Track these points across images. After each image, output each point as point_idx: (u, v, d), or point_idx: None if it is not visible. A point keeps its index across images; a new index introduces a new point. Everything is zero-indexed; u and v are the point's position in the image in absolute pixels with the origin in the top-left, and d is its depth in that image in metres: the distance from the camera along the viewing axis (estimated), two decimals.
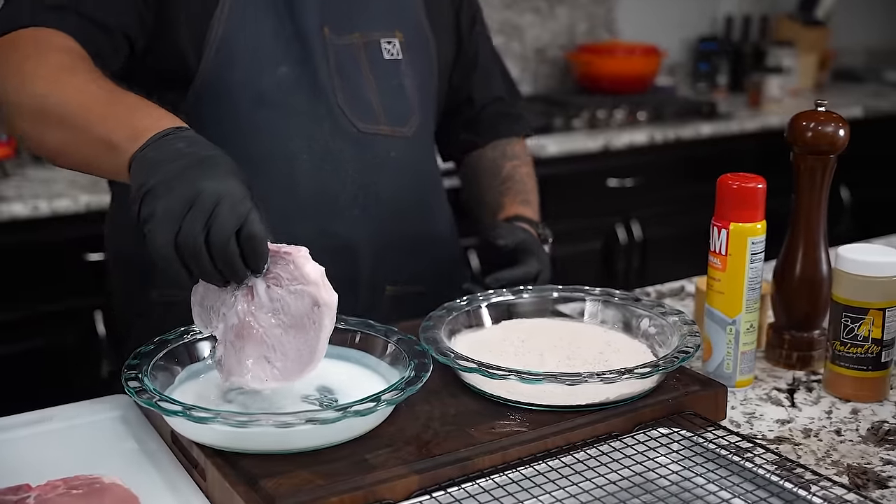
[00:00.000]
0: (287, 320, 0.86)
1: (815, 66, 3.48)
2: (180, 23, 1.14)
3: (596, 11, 3.32)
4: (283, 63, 1.18)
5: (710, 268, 1.07)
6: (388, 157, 1.23)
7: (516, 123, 1.46)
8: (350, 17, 1.22)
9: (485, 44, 1.43)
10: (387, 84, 1.24)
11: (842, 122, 1.10)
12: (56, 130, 0.96)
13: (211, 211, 0.80)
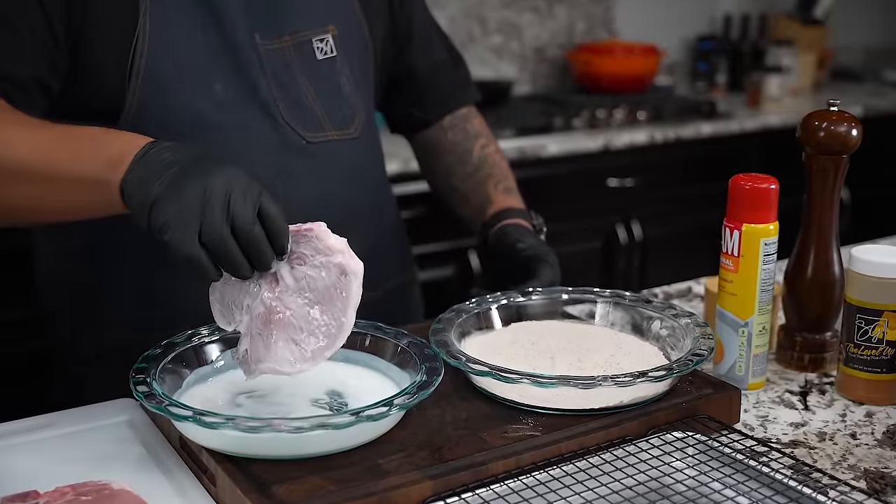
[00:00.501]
0: (314, 297, 0.86)
1: (813, 65, 3.48)
2: (99, 52, 1.06)
3: (594, 11, 3.31)
4: (218, 80, 1.11)
5: (722, 269, 1.06)
6: (337, 163, 1.19)
7: (465, 91, 1.40)
8: (278, 18, 1.16)
9: (418, 11, 1.36)
10: (325, 87, 1.19)
11: (854, 122, 1.09)
12: (21, 187, 0.93)
13: (226, 201, 0.80)
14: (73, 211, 0.95)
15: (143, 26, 1.07)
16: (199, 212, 0.80)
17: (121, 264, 1.14)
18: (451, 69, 1.40)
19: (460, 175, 1.35)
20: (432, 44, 1.38)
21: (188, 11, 1.09)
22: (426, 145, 1.40)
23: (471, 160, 1.35)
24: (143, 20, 1.07)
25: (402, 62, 1.35)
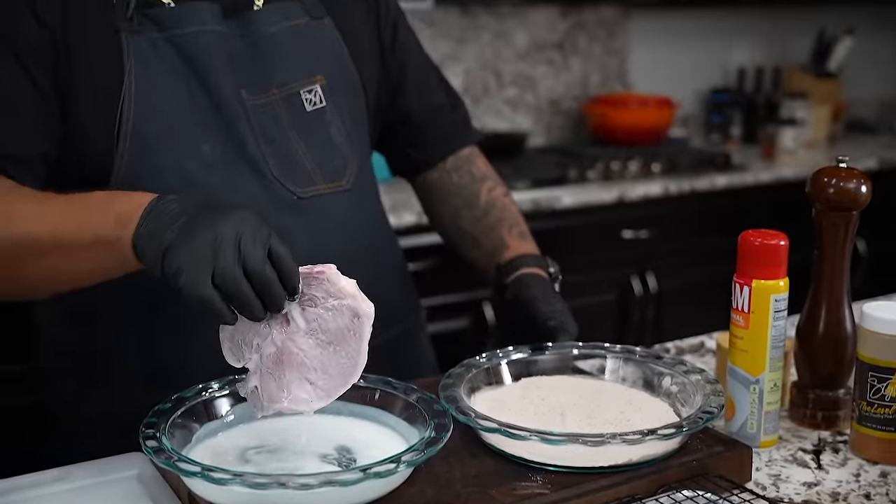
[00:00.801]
0: (326, 338, 0.87)
1: (828, 117, 3.49)
2: (87, 116, 1.06)
3: (609, 63, 3.34)
4: (205, 140, 1.10)
5: (733, 325, 1.06)
6: (331, 217, 1.17)
7: (465, 132, 1.38)
8: (264, 72, 1.15)
9: (412, 52, 1.34)
10: (315, 139, 1.17)
11: (863, 178, 1.09)
12: (34, 260, 0.94)
13: (237, 244, 0.81)
14: (89, 276, 0.95)
15: (129, 88, 1.07)
16: (212, 255, 0.81)
17: (125, 325, 1.14)
18: (450, 111, 1.38)
19: (468, 218, 1.34)
20: (429, 87, 1.36)
21: (173, 71, 1.10)
22: (430, 188, 1.38)
23: (479, 203, 1.33)
24: (129, 82, 1.07)
25: (396, 108, 1.33)
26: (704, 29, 3.53)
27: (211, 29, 1.12)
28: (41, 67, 1.05)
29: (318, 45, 1.21)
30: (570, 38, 3.25)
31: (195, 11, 1.11)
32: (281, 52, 1.17)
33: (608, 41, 3.33)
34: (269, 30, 1.17)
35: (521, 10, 3.13)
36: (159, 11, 1.10)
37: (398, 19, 1.33)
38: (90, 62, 1.07)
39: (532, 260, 1.26)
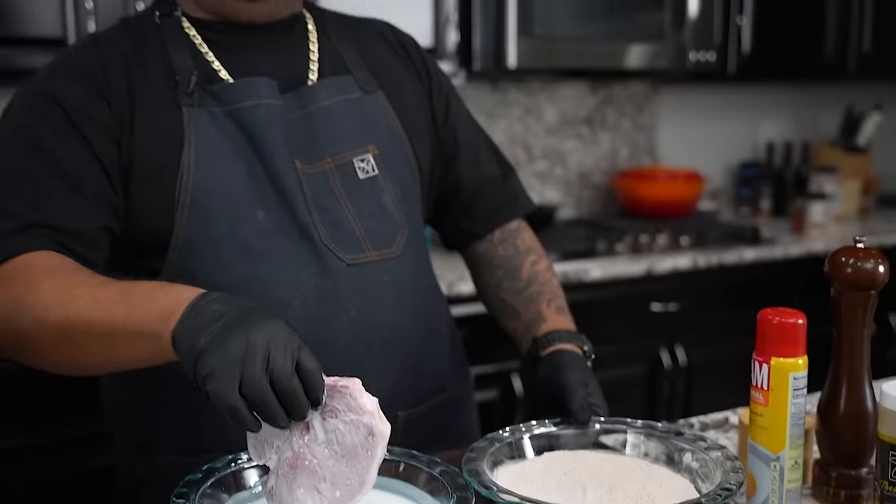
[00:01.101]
0: (340, 450, 0.88)
1: (858, 191, 3.50)
2: (148, 187, 1.12)
3: (637, 138, 3.39)
4: (260, 207, 1.15)
5: (753, 402, 1.07)
6: (380, 283, 1.20)
7: (514, 205, 1.42)
8: (318, 144, 1.20)
9: (463, 123, 1.39)
10: (366, 206, 1.22)
11: (881, 259, 1.11)
12: (86, 346, 0.98)
13: (266, 354, 0.83)
14: (132, 362, 0.99)
15: (188, 158, 1.13)
16: (241, 364, 0.83)
17: (170, 394, 1.17)
18: (501, 182, 1.41)
19: (510, 290, 1.36)
20: (480, 158, 1.40)
21: (230, 142, 1.15)
22: (477, 259, 1.41)
23: (521, 276, 1.36)
24: (188, 153, 1.13)
25: (449, 178, 1.37)
26: (733, 104, 3.58)
27: (267, 102, 1.18)
28: (107, 145, 1.12)
29: (370, 117, 1.26)
30: (600, 112, 3.31)
31: (253, 86, 1.18)
32: (334, 124, 1.23)
33: (637, 116, 3.38)
34: (323, 103, 1.23)
35: (550, 85, 3.20)
36: (219, 87, 1.17)
37: (450, 93, 1.38)
38: (153, 135, 1.13)
39: (568, 336, 1.28)
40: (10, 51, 2.15)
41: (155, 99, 1.15)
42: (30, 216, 1.06)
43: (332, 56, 1.27)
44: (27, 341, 1.00)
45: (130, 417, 1.23)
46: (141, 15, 1.23)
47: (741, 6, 3.08)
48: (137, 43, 1.18)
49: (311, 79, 1.24)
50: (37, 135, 1.10)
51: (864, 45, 3.34)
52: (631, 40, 2.83)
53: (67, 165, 1.09)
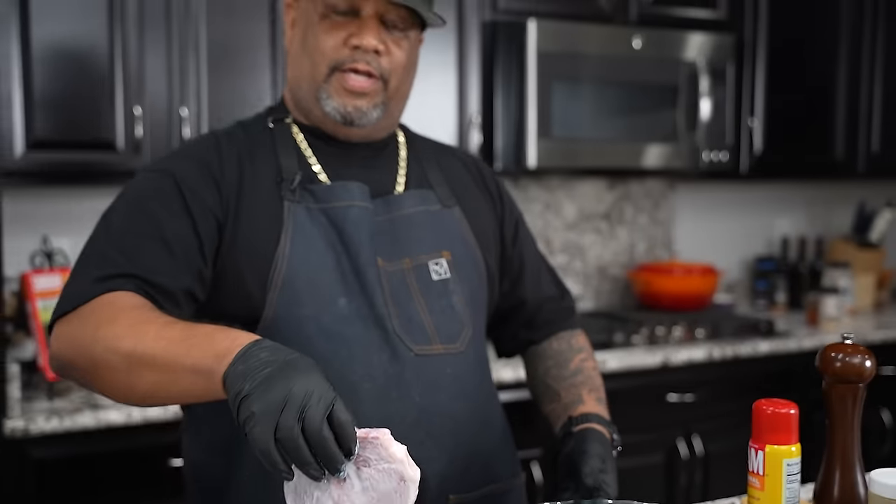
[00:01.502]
0: (376, 496, 0.96)
1: (872, 286, 3.58)
2: (246, 269, 1.26)
3: (655, 232, 3.51)
4: (343, 295, 1.28)
5: (749, 487, 1.15)
6: (444, 374, 1.31)
7: (568, 319, 1.55)
8: (399, 245, 1.34)
9: (529, 248, 1.53)
10: (437, 304, 1.34)
11: (868, 354, 1.20)
12: (147, 375, 1.08)
13: (302, 405, 0.91)
14: (186, 396, 1.08)
15: (284, 249, 1.27)
16: (277, 413, 0.90)
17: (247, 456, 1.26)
18: (559, 300, 1.55)
19: (556, 376, 1.47)
20: (541, 278, 1.54)
21: (323, 236, 1.30)
22: (533, 353, 1.53)
23: (569, 366, 1.47)
24: (285, 243, 1.27)
25: (514, 295, 1.51)
26: (747, 200, 3.70)
27: (359, 204, 1.33)
28: (207, 223, 1.26)
29: (447, 227, 1.41)
30: (617, 208, 3.43)
31: (347, 189, 1.33)
32: (415, 230, 1.37)
33: (654, 212, 3.50)
34: (406, 211, 1.38)
35: (569, 182, 3.33)
36: (318, 187, 1.33)
37: (519, 220, 1.54)
38: (256, 223, 1.28)
39: (601, 420, 1.37)
40: (62, 154, 2.32)
41: (261, 192, 1.30)
42: (125, 266, 1.19)
43: (418, 172, 1.43)
44: (98, 367, 1.11)
45: (205, 482, 1.33)
46: (256, 118, 1.41)
47: (752, 108, 3.22)
48: (251, 142, 1.35)
49: (398, 189, 1.39)
50: (150, 201, 1.26)
51: (872, 145, 3.46)
52: (646, 141, 2.97)
53: (168, 232, 1.23)
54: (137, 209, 1.25)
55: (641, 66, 2.93)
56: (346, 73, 1.30)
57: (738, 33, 3.16)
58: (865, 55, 3.43)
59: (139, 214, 1.25)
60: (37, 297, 2.22)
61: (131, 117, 2.36)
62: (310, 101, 1.34)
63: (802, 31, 3.31)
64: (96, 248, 1.23)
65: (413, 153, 1.45)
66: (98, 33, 2.32)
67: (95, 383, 1.14)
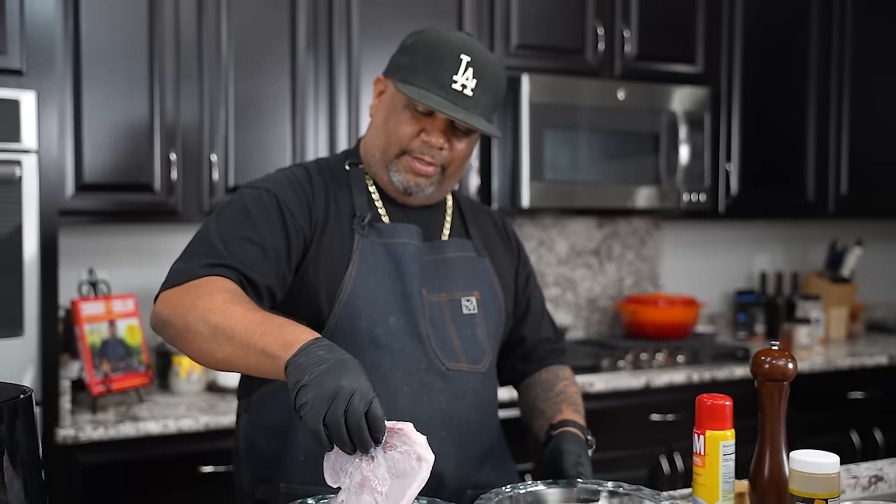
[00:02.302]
0: (395, 473, 1.21)
1: (845, 318, 3.84)
2: (321, 282, 1.52)
3: (641, 267, 3.78)
4: (393, 314, 1.54)
5: (694, 466, 1.41)
6: (467, 388, 1.59)
7: (561, 356, 1.84)
8: (440, 282, 1.61)
9: (536, 295, 1.82)
10: (465, 333, 1.61)
11: (791, 358, 1.46)
12: (226, 346, 1.30)
13: (348, 400, 1.15)
14: (252, 370, 1.29)
15: (351, 271, 1.54)
16: (328, 403, 1.12)
17: (297, 441, 1.53)
18: (553, 343, 1.83)
19: (543, 398, 1.73)
20: (542, 322, 1.82)
21: (382, 266, 1.56)
22: (527, 384, 1.81)
23: (553, 390, 1.73)
24: (352, 267, 1.54)
25: (517, 332, 1.78)
26: (727, 238, 3.98)
27: (414, 243, 1.60)
28: (297, 238, 1.51)
29: (479, 272, 1.69)
30: (606, 245, 3.71)
31: (407, 230, 1.61)
32: (453, 270, 1.65)
33: (640, 248, 3.78)
34: (448, 254, 1.67)
35: (561, 221, 3.62)
36: (382, 226, 1.60)
37: (531, 273, 1.82)
38: (332, 247, 1.55)
39: (576, 425, 1.63)
40: (105, 196, 2.60)
41: (340, 222, 1.57)
42: (228, 258, 1.44)
43: (459, 224, 1.71)
44: (189, 330, 1.33)
45: (261, 456, 1.58)
46: (335, 160, 1.67)
47: (728, 154, 3.51)
48: (333, 179, 1.62)
49: (444, 235, 1.67)
50: (253, 211, 1.51)
51: (841, 188, 3.74)
52: (631, 183, 3.25)
53: (266, 240, 1.48)
54: (244, 216, 1.50)
55: (626, 115, 3.23)
56: (414, 158, 1.57)
57: (714, 86, 3.45)
58: (833, 105, 3.72)
59: (245, 221, 1.49)
60: (84, 321, 2.49)
61: (168, 162, 2.65)
62: (379, 168, 1.61)
63: (774, 82, 3.60)
64: (206, 240, 1.47)
65: (457, 208, 1.73)
66: (140, 88, 2.62)
67: (182, 343, 1.36)
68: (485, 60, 1.54)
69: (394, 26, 2.89)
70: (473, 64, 1.52)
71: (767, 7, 3.57)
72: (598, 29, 3.24)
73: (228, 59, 2.72)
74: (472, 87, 1.52)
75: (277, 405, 1.55)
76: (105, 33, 2.58)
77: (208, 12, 2.70)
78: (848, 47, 3.72)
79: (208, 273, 1.42)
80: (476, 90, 1.53)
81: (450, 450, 1.56)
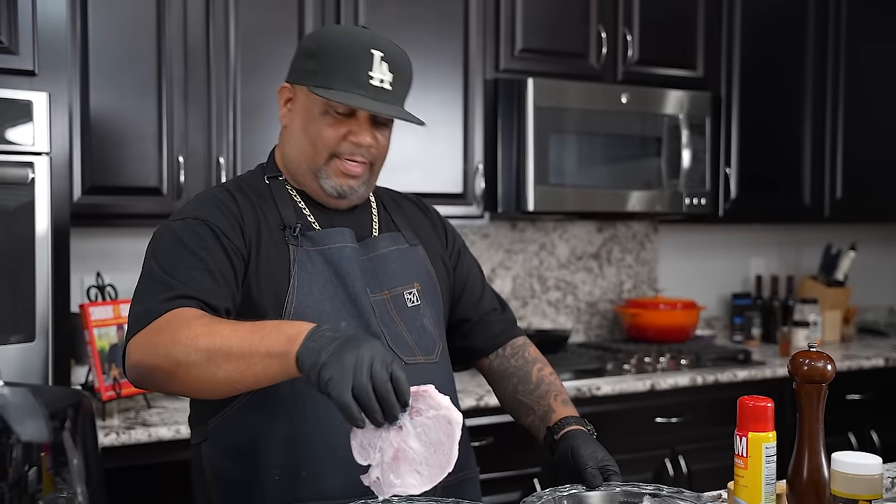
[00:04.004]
0: (429, 439, 1.22)
1: (839, 320, 3.88)
2: (265, 298, 1.50)
3: (640, 271, 3.80)
4: (343, 319, 1.53)
5: (735, 468, 1.42)
6: (426, 379, 1.51)
7: (513, 328, 1.80)
8: (379, 279, 1.60)
9: (472, 270, 1.79)
10: (413, 325, 1.61)
11: (829, 360, 1.47)
12: (226, 365, 1.28)
13: (370, 367, 1.17)
14: (262, 379, 1.29)
15: (293, 282, 1.52)
16: (353, 374, 1.16)
17: (265, 457, 1.50)
18: (500, 314, 1.80)
19: (524, 392, 1.73)
20: (483, 296, 1.79)
21: (321, 273, 1.54)
22: (494, 371, 1.80)
23: (531, 380, 1.73)
24: (293, 279, 1.52)
25: (460, 311, 1.77)
26: (725, 242, 4.01)
27: (350, 245, 1.59)
28: (236, 258, 1.50)
29: (414, 263, 1.68)
30: (606, 249, 3.72)
31: (337, 233, 1.59)
32: (390, 266, 1.64)
33: (639, 252, 3.80)
34: (382, 251, 1.65)
35: (562, 225, 3.63)
36: (314, 234, 1.58)
37: (461, 248, 1.80)
38: (270, 262, 1.53)
39: (574, 420, 1.64)
40: (113, 198, 2.58)
41: (272, 236, 1.55)
42: (184, 289, 1.42)
43: (386, 218, 1.70)
44: (180, 365, 1.30)
45: (231, 482, 1.53)
46: (251, 175, 1.65)
47: (728, 158, 3.53)
48: (256, 194, 1.59)
49: (374, 233, 1.66)
50: (188, 241, 1.48)
51: (836, 193, 3.79)
52: (633, 187, 3.27)
53: (212, 265, 1.46)
54: (181, 248, 1.47)
55: (629, 119, 3.24)
56: (343, 160, 1.56)
57: (714, 91, 3.48)
58: (829, 110, 3.77)
59: (183, 252, 1.47)
60: (93, 326, 2.46)
61: (175, 165, 2.63)
62: (306, 177, 1.59)
63: (772, 88, 3.64)
64: (154, 278, 1.44)
65: (379, 202, 1.72)
66: (148, 90, 2.60)
67: (174, 382, 1.34)
68: (394, 52, 1.56)
69: (400, 30, 2.88)
70: (386, 58, 1.53)
71: (764, 13, 3.61)
72: (602, 33, 3.25)
73: (236, 61, 2.71)
74: (390, 80, 1.54)
75: (240, 427, 1.52)
76: (113, 35, 2.55)
77: (216, 14, 2.68)
78: (843, 54, 3.77)
79: (170, 307, 1.39)
80: (394, 83, 1.54)
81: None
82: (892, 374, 3.49)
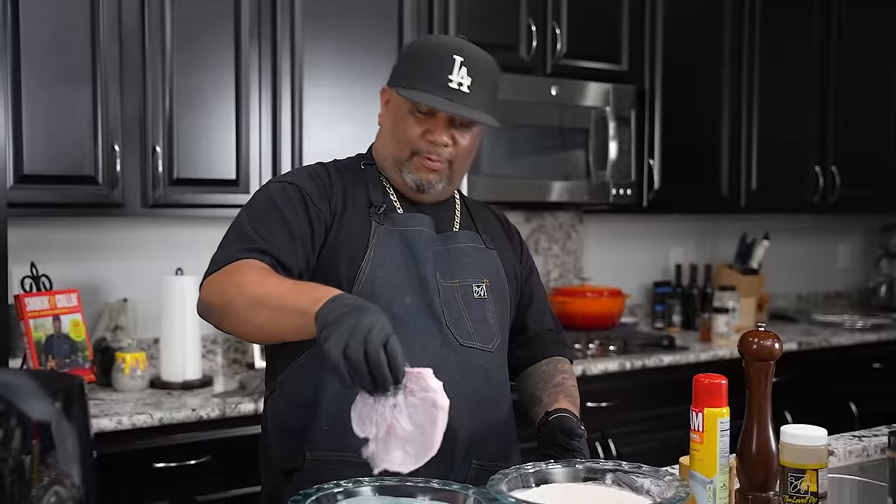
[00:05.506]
0: (417, 420, 1.26)
1: (753, 307, 4.04)
2: (342, 264, 1.63)
3: (567, 260, 3.88)
4: (409, 295, 1.65)
5: (692, 442, 1.49)
6: (479, 364, 1.67)
7: (562, 349, 1.92)
8: (451, 269, 1.72)
9: (538, 288, 1.92)
10: (476, 315, 1.71)
11: (777, 338, 1.55)
12: (263, 313, 1.42)
13: (367, 334, 1.23)
14: (289, 332, 1.39)
15: (369, 255, 1.63)
16: (348, 335, 1.22)
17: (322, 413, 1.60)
18: (555, 335, 1.91)
19: (541, 388, 1.81)
20: (544, 314, 1.91)
21: (396, 251, 1.66)
22: (527, 372, 1.88)
23: (552, 381, 1.82)
24: (370, 252, 1.64)
25: (520, 320, 1.87)
26: (647, 232, 4.13)
27: (427, 231, 1.70)
28: (319, 225, 1.63)
29: (487, 262, 1.79)
30: (533, 238, 3.79)
31: (420, 219, 1.71)
32: (464, 259, 1.75)
33: (566, 242, 3.88)
34: (459, 245, 1.76)
35: None
36: (396, 215, 1.70)
37: (532, 267, 1.93)
38: (351, 233, 1.65)
39: (572, 414, 1.73)
40: (47, 188, 2.52)
41: (357, 211, 1.68)
42: (262, 244, 1.56)
43: (468, 219, 1.82)
44: (228, 305, 1.46)
45: (287, 429, 1.64)
46: (350, 161, 1.78)
47: (651, 150, 3.64)
48: (350, 175, 1.72)
49: (454, 228, 1.77)
50: (279, 201, 1.62)
51: (752, 184, 3.94)
52: (560, 178, 3.34)
53: (293, 226, 1.60)
54: (271, 206, 1.63)
55: (558, 111, 3.32)
56: (423, 157, 1.67)
57: (638, 84, 3.58)
58: (744, 104, 3.91)
59: (272, 210, 1.62)
60: (29, 317, 2.40)
61: (111, 154, 2.58)
62: (392, 171, 1.72)
63: (692, 82, 3.76)
64: (239, 229, 1.60)
65: (464, 204, 1.84)
66: (82, 78, 2.54)
67: (225, 319, 1.49)
68: (477, 58, 1.67)
69: (336, 19, 2.89)
70: (466, 63, 1.64)
71: (685, 10, 3.72)
72: (532, 26, 3.31)
73: (172, 49, 2.67)
74: (468, 84, 1.64)
75: (303, 380, 1.63)
76: (46, 24, 2.49)
77: (151, 2, 2.64)
78: (758, 49, 3.92)
79: (243, 257, 1.54)
80: (472, 86, 1.65)
81: (462, 421, 1.60)
82: (804, 357, 3.66)
